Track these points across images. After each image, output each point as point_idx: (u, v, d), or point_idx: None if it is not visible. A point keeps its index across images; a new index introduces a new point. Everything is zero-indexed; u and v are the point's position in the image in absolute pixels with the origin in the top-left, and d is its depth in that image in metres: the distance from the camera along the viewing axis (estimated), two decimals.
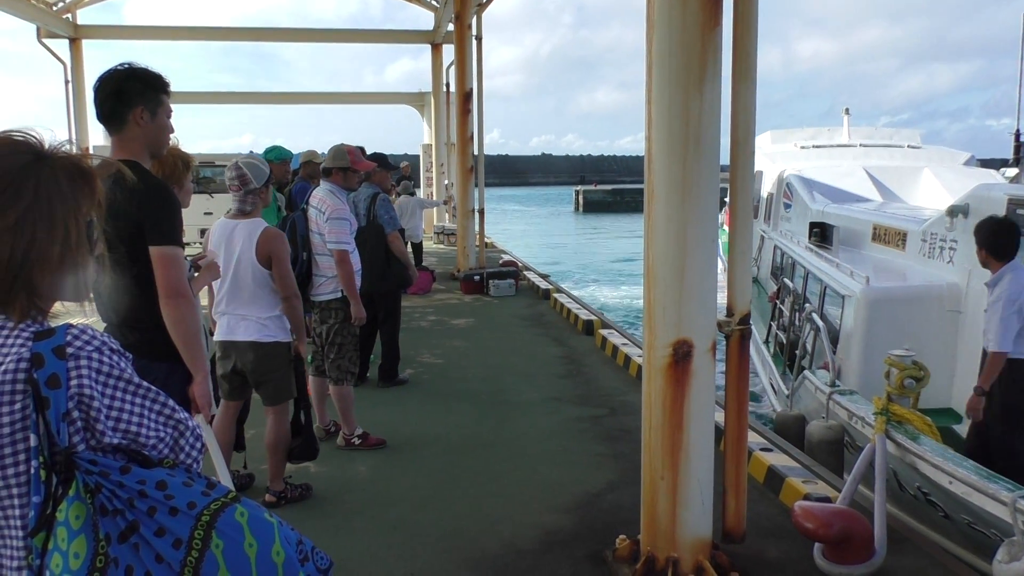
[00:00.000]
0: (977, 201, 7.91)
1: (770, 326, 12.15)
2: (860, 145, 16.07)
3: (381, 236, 7.53)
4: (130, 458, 1.32)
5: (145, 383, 1.37)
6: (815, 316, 8.04)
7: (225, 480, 3.46)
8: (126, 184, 3.00)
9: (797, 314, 10.42)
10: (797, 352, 8.89)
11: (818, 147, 16.32)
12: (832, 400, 6.30)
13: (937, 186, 12.97)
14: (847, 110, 17.27)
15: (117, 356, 1.35)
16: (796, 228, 13.23)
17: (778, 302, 11.87)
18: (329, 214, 5.99)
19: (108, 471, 1.25)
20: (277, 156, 8.35)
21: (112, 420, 1.30)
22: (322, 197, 6.13)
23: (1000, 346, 5.63)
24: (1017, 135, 8.39)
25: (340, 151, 6.34)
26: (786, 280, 11.59)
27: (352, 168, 6.29)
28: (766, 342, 12.10)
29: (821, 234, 11.52)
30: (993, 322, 5.68)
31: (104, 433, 1.29)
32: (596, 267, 34.28)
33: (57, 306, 1.42)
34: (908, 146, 15.95)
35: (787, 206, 14.34)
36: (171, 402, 1.41)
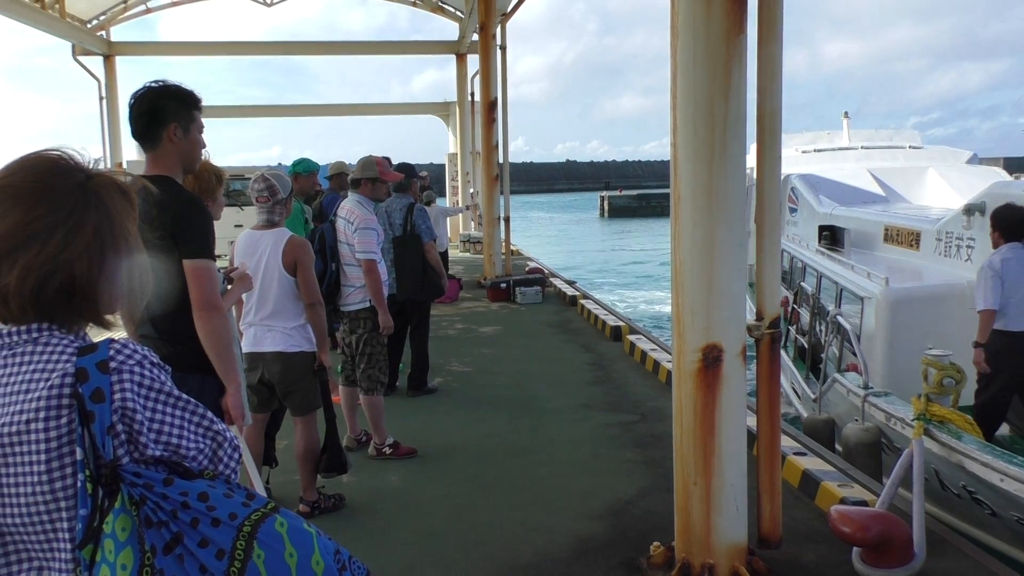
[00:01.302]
0: (994, 199, 7.86)
1: (788, 330, 12.07)
2: (861, 148, 16.02)
3: (419, 246, 7.64)
4: (171, 470, 1.34)
5: (184, 396, 1.40)
6: (841, 319, 7.99)
7: (259, 491, 3.49)
8: (158, 199, 3.06)
9: (817, 318, 10.34)
10: (824, 355, 8.82)
11: (819, 151, 16.26)
12: (868, 402, 6.24)
13: (943, 185, 12.91)
14: (846, 113, 17.27)
15: (158, 369, 1.38)
16: (803, 232, 13.16)
17: (795, 306, 11.80)
18: (357, 224, 6.05)
19: (152, 483, 1.28)
20: (305, 168, 8.43)
21: (154, 433, 1.33)
22: (350, 208, 6.19)
23: (982, 305, 6.51)
24: None
25: (368, 162, 6.41)
26: (804, 284, 11.53)
27: (380, 179, 6.36)
28: (784, 346, 12.03)
29: (831, 237, 11.49)
30: (977, 286, 6.62)
31: (147, 446, 1.31)
32: (623, 272, 34.19)
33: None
34: (909, 147, 15.91)
35: (792, 210, 14.25)
36: (209, 414, 1.44)
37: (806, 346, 10.72)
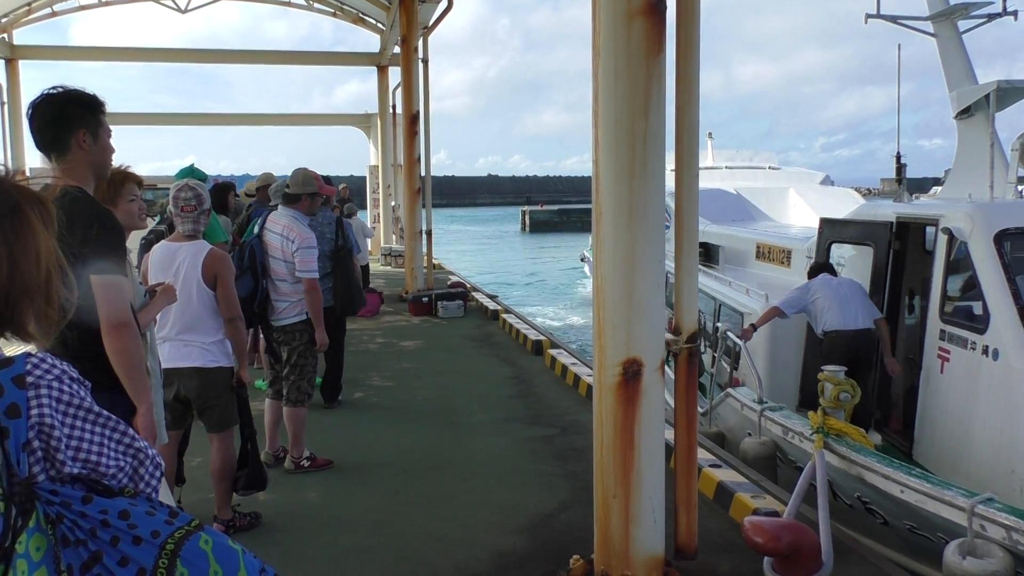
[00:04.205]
0: (863, 217, 8.32)
1: None
2: (725, 167, 16.66)
3: (352, 258, 7.75)
4: (89, 488, 1.31)
5: (105, 412, 1.36)
6: (732, 335, 8.27)
7: None
8: (66, 211, 2.95)
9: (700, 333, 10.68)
10: (713, 370, 9.09)
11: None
12: (764, 416, 6.43)
13: (803, 205, 13.61)
14: (711, 134, 17.96)
15: (77, 385, 1.34)
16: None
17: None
18: (300, 243, 5.96)
19: (70, 501, 1.24)
20: (202, 176, 8.21)
21: (72, 450, 1.29)
22: (287, 224, 6.06)
23: (779, 304, 7.65)
24: (898, 157, 9.19)
25: (308, 177, 6.31)
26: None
27: (319, 194, 6.35)
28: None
29: (705, 254, 11.89)
30: (788, 292, 7.79)
31: (64, 463, 1.28)
32: (544, 287, 34.43)
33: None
34: (769, 167, 16.73)
35: (665, 227, 14.71)
36: (131, 431, 1.40)
37: None
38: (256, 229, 6.25)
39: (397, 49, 17.31)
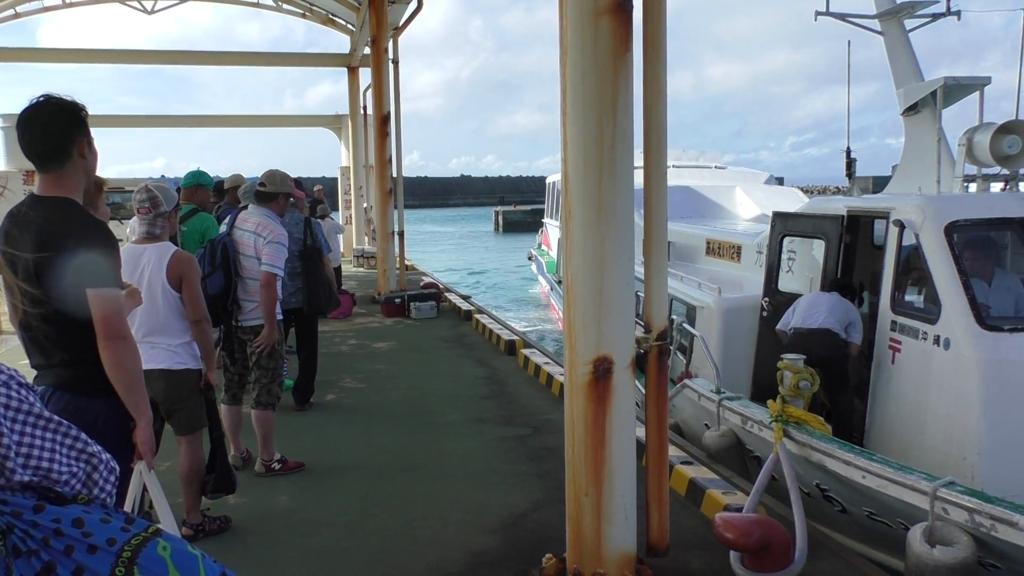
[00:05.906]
0: (813, 211, 8.45)
1: None
2: (673, 166, 16.90)
3: (322, 259, 7.73)
4: (41, 496, 1.28)
5: (56, 417, 1.33)
6: (687, 327, 8.35)
7: (168, 523, 3.34)
8: (63, 222, 2.92)
9: None
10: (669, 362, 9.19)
11: (634, 168, 17.07)
12: (723, 407, 6.46)
13: (749, 203, 13.88)
14: None
15: (25, 390, 1.31)
16: None
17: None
18: (271, 238, 5.97)
19: (21, 511, 1.21)
20: (208, 181, 8.16)
21: (23, 457, 1.26)
22: (260, 221, 6.07)
23: (779, 326, 7.46)
24: (848, 152, 9.37)
25: (284, 177, 6.40)
26: (639, 293, 12.00)
27: (291, 194, 6.40)
28: None
29: None
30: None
31: (14, 471, 1.24)
32: (515, 286, 34.42)
33: None
34: (715, 166, 16.99)
35: None
36: (83, 435, 1.37)
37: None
38: (225, 228, 6.23)
39: (367, 50, 17.20)
